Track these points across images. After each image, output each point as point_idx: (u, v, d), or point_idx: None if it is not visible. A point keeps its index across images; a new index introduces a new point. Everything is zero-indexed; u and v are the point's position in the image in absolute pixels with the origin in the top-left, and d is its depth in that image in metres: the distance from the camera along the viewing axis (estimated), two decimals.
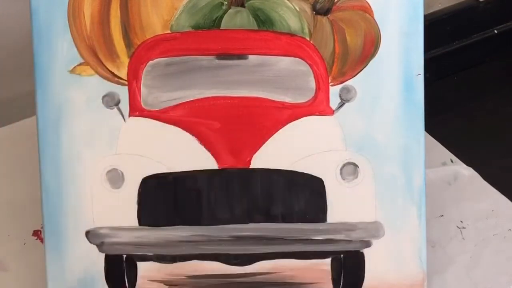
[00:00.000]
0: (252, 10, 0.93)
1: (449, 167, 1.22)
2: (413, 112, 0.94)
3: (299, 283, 0.96)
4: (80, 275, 0.95)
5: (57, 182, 0.94)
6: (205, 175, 0.93)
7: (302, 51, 0.93)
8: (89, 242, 0.94)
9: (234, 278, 0.95)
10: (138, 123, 0.93)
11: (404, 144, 0.94)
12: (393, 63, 0.94)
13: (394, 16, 0.93)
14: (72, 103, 0.94)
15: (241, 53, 0.93)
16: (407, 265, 0.95)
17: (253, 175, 0.93)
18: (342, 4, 0.94)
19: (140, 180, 0.94)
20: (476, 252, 1.08)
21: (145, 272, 0.95)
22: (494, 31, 1.65)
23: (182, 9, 0.93)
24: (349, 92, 0.94)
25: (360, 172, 0.94)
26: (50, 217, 0.94)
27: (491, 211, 1.15)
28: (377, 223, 0.95)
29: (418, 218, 0.95)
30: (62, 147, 0.94)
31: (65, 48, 0.92)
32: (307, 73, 0.93)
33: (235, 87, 0.93)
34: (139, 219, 0.94)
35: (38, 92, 0.93)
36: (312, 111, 0.94)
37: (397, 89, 0.94)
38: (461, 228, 1.12)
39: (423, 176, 0.95)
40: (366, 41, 0.94)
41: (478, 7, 1.62)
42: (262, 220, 0.94)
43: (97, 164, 0.94)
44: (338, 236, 0.94)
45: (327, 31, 0.94)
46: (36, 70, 0.93)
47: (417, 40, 0.94)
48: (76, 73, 0.93)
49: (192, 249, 0.94)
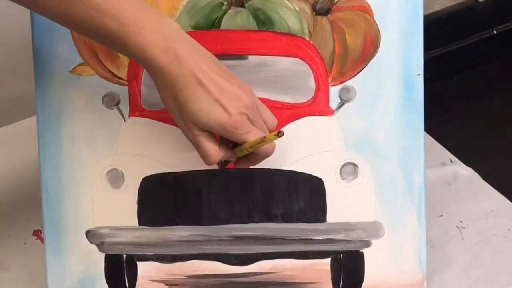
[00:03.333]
0: (252, 10, 0.93)
1: (448, 167, 1.22)
2: (413, 112, 0.94)
3: (299, 283, 0.96)
4: (80, 275, 0.95)
5: (57, 182, 0.94)
6: (205, 175, 0.93)
7: (302, 51, 0.93)
8: (89, 242, 0.94)
9: (234, 278, 0.95)
10: (138, 123, 0.94)
11: (404, 144, 0.94)
12: (393, 63, 0.94)
13: (394, 17, 0.93)
14: (72, 103, 0.94)
15: (241, 53, 0.93)
16: (406, 265, 0.95)
17: (253, 175, 0.93)
18: (342, 5, 0.94)
19: (140, 180, 0.94)
20: (475, 252, 1.09)
21: (145, 272, 0.96)
22: (494, 32, 1.65)
23: (182, 9, 0.93)
24: (349, 92, 0.94)
25: (360, 172, 0.94)
26: (50, 217, 0.94)
27: (491, 211, 1.15)
28: (376, 223, 0.95)
29: (417, 218, 0.95)
30: (62, 147, 0.94)
31: (65, 48, 0.92)
32: (307, 73, 0.94)
33: None
34: (139, 219, 0.94)
35: (38, 92, 0.93)
36: (312, 111, 0.94)
37: (397, 89, 0.94)
38: (461, 228, 1.12)
39: (422, 176, 0.95)
40: (366, 41, 0.94)
41: (477, 8, 1.62)
42: (262, 220, 0.94)
43: (97, 164, 0.94)
44: (338, 236, 0.94)
45: (327, 31, 0.94)
46: (36, 70, 0.93)
47: (417, 40, 0.94)
48: (76, 73, 0.93)
49: (192, 249, 0.94)
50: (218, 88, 0.78)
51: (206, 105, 0.78)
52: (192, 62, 0.77)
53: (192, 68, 0.77)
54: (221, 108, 0.78)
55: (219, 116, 0.79)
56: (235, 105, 0.79)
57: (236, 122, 0.79)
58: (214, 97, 0.78)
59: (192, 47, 0.79)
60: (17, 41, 1.24)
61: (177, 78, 0.77)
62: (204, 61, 0.79)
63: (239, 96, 0.79)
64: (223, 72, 0.80)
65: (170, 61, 0.77)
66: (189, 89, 0.78)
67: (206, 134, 0.81)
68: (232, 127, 0.79)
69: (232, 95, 0.79)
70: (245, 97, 0.80)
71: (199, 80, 0.78)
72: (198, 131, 0.80)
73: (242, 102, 0.80)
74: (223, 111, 0.79)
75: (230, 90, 0.79)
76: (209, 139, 0.81)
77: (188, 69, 0.77)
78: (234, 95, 0.79)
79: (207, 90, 0.78)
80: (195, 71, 0.77)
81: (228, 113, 0.79)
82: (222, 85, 0.79)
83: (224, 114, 0.79)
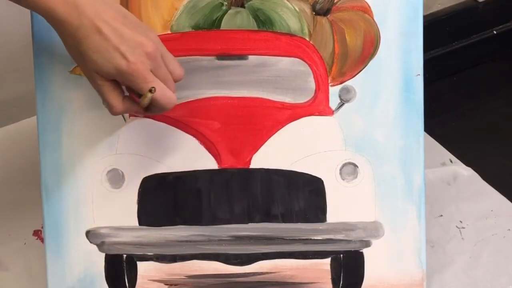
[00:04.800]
0: (252, 10, 0.93)
1: (448, 167, 1.22)
2: (412, 112, 0.94)
3: (299, 283, 0.96)
4: (80, 275, 0.95)
5: (57, 182, 0.94)
6: (205, 175, 0.93)
7: (301, 52, 0.93)
8: (89, 242, 0.94)
9: (234, 278, 0.95)
10: (138, 123, 0.94)
11: (404, 144, 0.94)
12: (393, 64, 0.94)
13: (393, 17, 0.94)
14: (72, 103, 0.94)
15: (241, 53, 0.93)
16: (406, 265, 0.95)
17: (253, 175, 0.93)
18: (341, 5, 0.94)
19: (140, 180, 0.94)
20: (475, 252, 1.09)
21: (145, 272, 0.96)
22: (493, 32, 1.65)
23: (182, 10, 0.93)
24: (348, 93, 0.94)
25: (359, 172, 0.94)
26: (50, 217, 0.94)
27: (491, 211, 1.15)
28: (376, 223, 0.95)
29: (417, 218, 0.95)
30: (62, 147, 0.94)
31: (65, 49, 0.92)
32: (306, 73, 0.94)
33: (235, 87, 0.93)
34: (139, 219, 0.94)
35: (38, 92, 0.93)
36: (312, 111, 0.94)
37: (396, 89, 0.94)
38: (461, 228, 1.12)
39: (422, 176, 0.95)
40: (365, 42, 0.94)
41: (477, 8, 1.62)
42: (262, 220, 0.94)
43: (97, 164, 0.94)
44: (338, 236, 0.94)
45: (326, 31, 0.94)
46: (36, 70, 0.93)
47: (417, 40, 0.94)
48: (76, 74, 0.93)
49: (192, 249, 0.94)
50: (118, 36, 0.78)
51: (105, 53, 0.78)
52: (92, 12, 0.78)
53: (91, 17, 0.77)
54: (120, 56, 0.78)
55: (117, 63, 0.78)
56: (135, 53, 0.79)
57: (135, 70, 0.79)
58: (114, 45, 0.78)
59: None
60: (17, 41, 1.24)
61: (77, 29, 0.78)
62: (106, 11, 0.78)
63: (140, 44, 0.79)
64: (127, 21, 0.80)
65: (70, 12, 0.77)
66: (89, 39, 0.78)
67: (109, 83, 0.81)
68: (131, 74, 0.79)
69: (132, 43, 0.79)
70: (147, 44, 0.79)
71: (98, 29, 0.78)
72: (101, 80, 0.80)
73: (143, 49, 0.79)
74: (122, 58, 0.78)
75: (131, 38, 0.79)
76: (113, 89, 0.81)
77: (87, 19, 0.77)
78: (135, 42, 0.79)
79: (106, 38, 0.78)
80: (95, 21, 0.78)
81: (127, 60, 0.78)
82: (122, 32, 0.78)
83: (123, 62, 0.78)
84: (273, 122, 0.93)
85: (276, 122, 0.93)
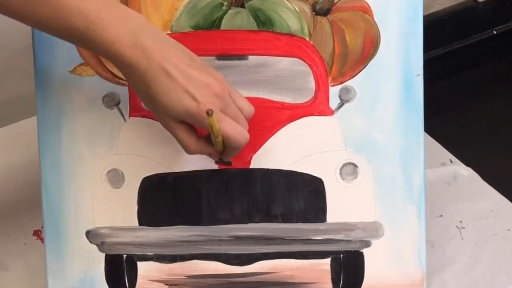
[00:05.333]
0: (252, 10, 0.93)
1: (448, 167, 1.22)
2: (412, 112, 0.94)
3: (299, 283, 0.96)
4: (80, 275, 0.95)
5: (57, 182, 0.94)
6: (205, 175, 0.93)
7: (301, 52, 0.93)
8: (89, 242, 0.94)
9: (234, 278, 0.95)
10: (139, 123, 0.94)
11: (404, 144, 0.94)
12: (393, 64, 0.94)
13: (393, 17, 0.94)
14: (72, 103, 0.94)
15: (241, 53, 0.93)
16: (406, 265, 0.95)
17: (253, 175, 0.93)
18: (341, 5, 0.94)
19: (140, 180, 0.94)
20: (475, 252, 1.09)
21: (145, 272, 0.96)
22: (493, 32, 1.65)
23: (182, 10, 0.93)
24: (348, 93, 0.94)
25: (359, 172, 0.94)
26: (50, 217, 0.94)
27: (490, 211, 1.15)
28: (376, 223, 0.95)
29: (417, 218, 0.95)
30: (62, 147, 0.94)
31: (65, 48, 0.93)
32: (306, 73, 0.94)
33: (235, 87, 0.92)
34: (139, 219, 0.94)
35: (38, 92, 0.93)
36: (312, 112, 0.94)
37: (396, 89, 0.94)
38: (460, 228, 1.12)
39: (422, 176, 0.95)
40: (365, 42, 0.94)
41: (477, 8, 1.62)
42: (262, 220, 0.94)
43: (97, 164, 0.94)
44: (338, 236, 0.94)
45: (326, 31, 0.94)
46: (36, 70, 0.93)
47: (417, 40, 0.94)
48: (77, 74, 0.93)
49: (192, 249, 0.94)
50: (185, 77, 0.78)
51: (174, 95, 0.78)
52: (159, 55, 0.77)
53: (159, 60, 0.77)
54: (189, 97, 0.78)
55: (187, 105, 0.78)
56: (204, 93, 0.79)
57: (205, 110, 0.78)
58: (182, 87, 0.78)
59: (160, 40, 0.79)
60: (17, 41, 1.24)
61: (145, 72, 0.77)
62: (172, 53, 0.78)
63: (208, 84, 0.79)
64: (193, 62, 0.80)
65: (138, 55, 0.77)
66: (157, 82, 0.78)
67: (182, 125, 0.81)
68: (201, 115, 0.79)
69: (200, 83, 0.79)
70: (215, 84, 0.79)
71: (166, 72, 0.77)
72: (173, 122, 0.81)
73: (211, 89, 0.79)
74: (191, 99, 0.78)
75: (198, 79, 0.79)
76: (186, 130, 0.81)
77: (155, 62, 0.77)
78: (202, 83, 0.79)
79: (175, 80, 0.78)
80: (162, 63, 0.77)
81: (196, 101, 0.78)
82: (190, 74, 0.78)
83: (193, 103, 0.78)
84: (273, 122, 0.93)
85: (276, 122, 0.93)
